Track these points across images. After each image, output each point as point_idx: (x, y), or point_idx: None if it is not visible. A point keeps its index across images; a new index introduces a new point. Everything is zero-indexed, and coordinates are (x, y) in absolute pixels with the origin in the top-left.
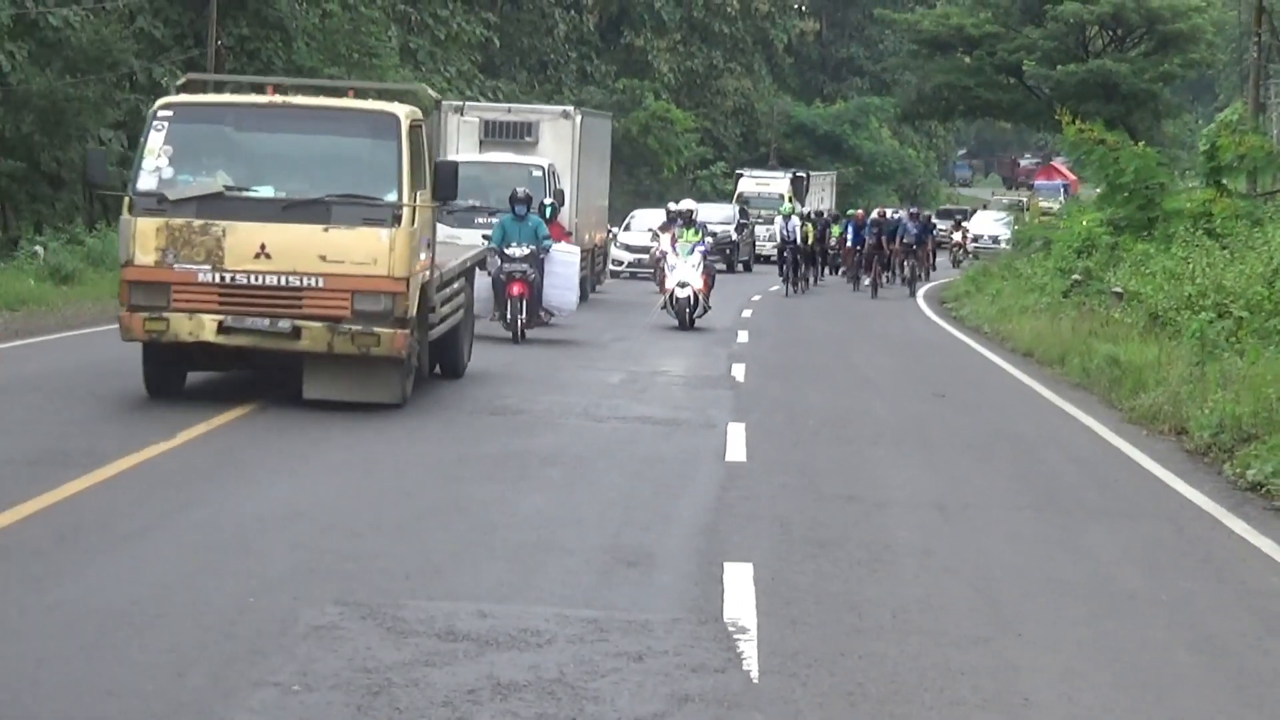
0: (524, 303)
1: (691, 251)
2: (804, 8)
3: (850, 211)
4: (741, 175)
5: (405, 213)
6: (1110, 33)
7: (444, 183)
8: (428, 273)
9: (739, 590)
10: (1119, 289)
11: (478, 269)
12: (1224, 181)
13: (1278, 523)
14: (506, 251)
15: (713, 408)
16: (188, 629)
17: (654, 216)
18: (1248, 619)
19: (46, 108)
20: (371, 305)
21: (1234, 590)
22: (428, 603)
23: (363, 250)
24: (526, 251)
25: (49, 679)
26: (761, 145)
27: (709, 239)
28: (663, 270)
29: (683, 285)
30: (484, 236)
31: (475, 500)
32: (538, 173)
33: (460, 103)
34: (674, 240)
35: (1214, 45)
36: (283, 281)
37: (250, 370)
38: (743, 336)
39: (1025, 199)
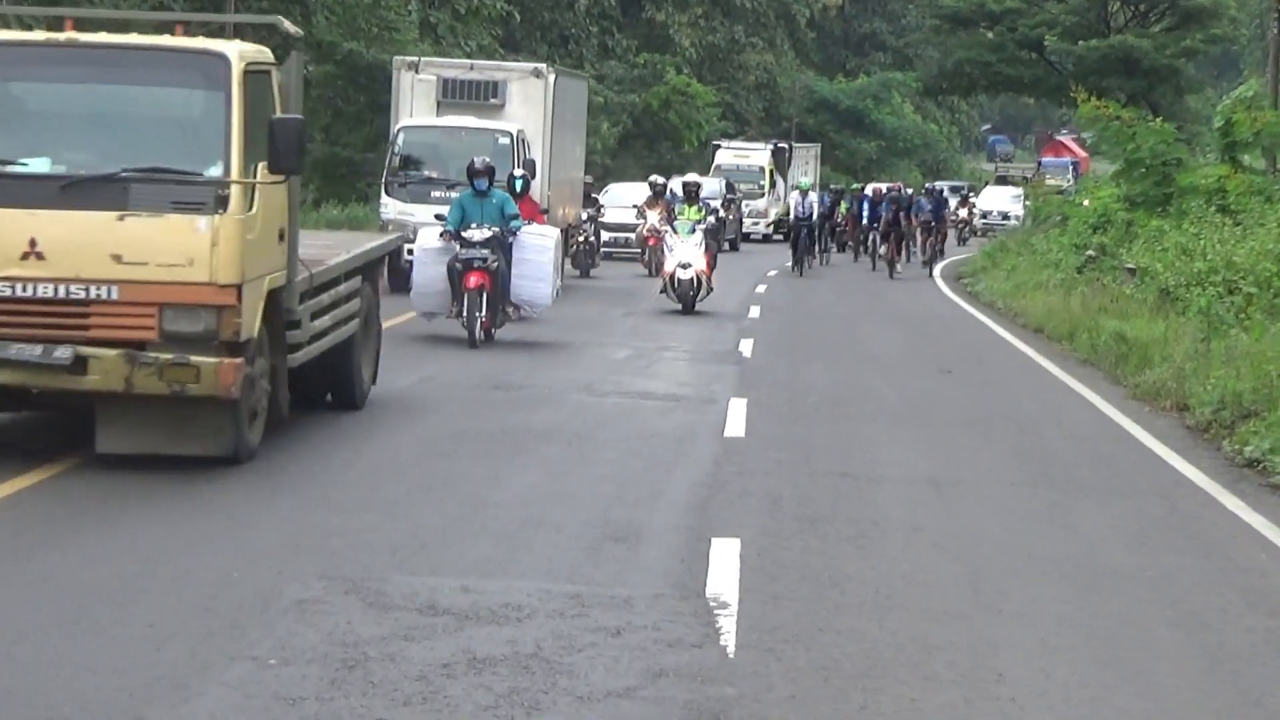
0: (484, 297)
1: (693, 230)
2: None
3: (853, 186)
4: (719, 147)
5: (236, 193)
6: (1132, 8)
7: (283, 149)
8: (283, 274)
9: (724, 566)
10: (1131, 265)
11: (422, 256)
12: (1239, 157)
13: (1272, 499)
14: (464, 235)
15: (716, 383)
16: (168, 603)
17: (632, 192)
18: (1231, 595)
19: None
20: (187, 324)
21: (1220, 566)
22: (411, 578)
23: (174, 247)
24: (488, 234)
25: (26, 653)
26: (784, 120)
27: (712, 217)
28: (657, 251)
29: (685, 266)
30: (436, 216)
31: (467, 476)
32: (504, 139)
33: (414, 59)
34: (672, 217)
35: (1237, 21)
36: (60, 292)
37: (34, 412)
38: (754, 312)
39: (1030, 175)
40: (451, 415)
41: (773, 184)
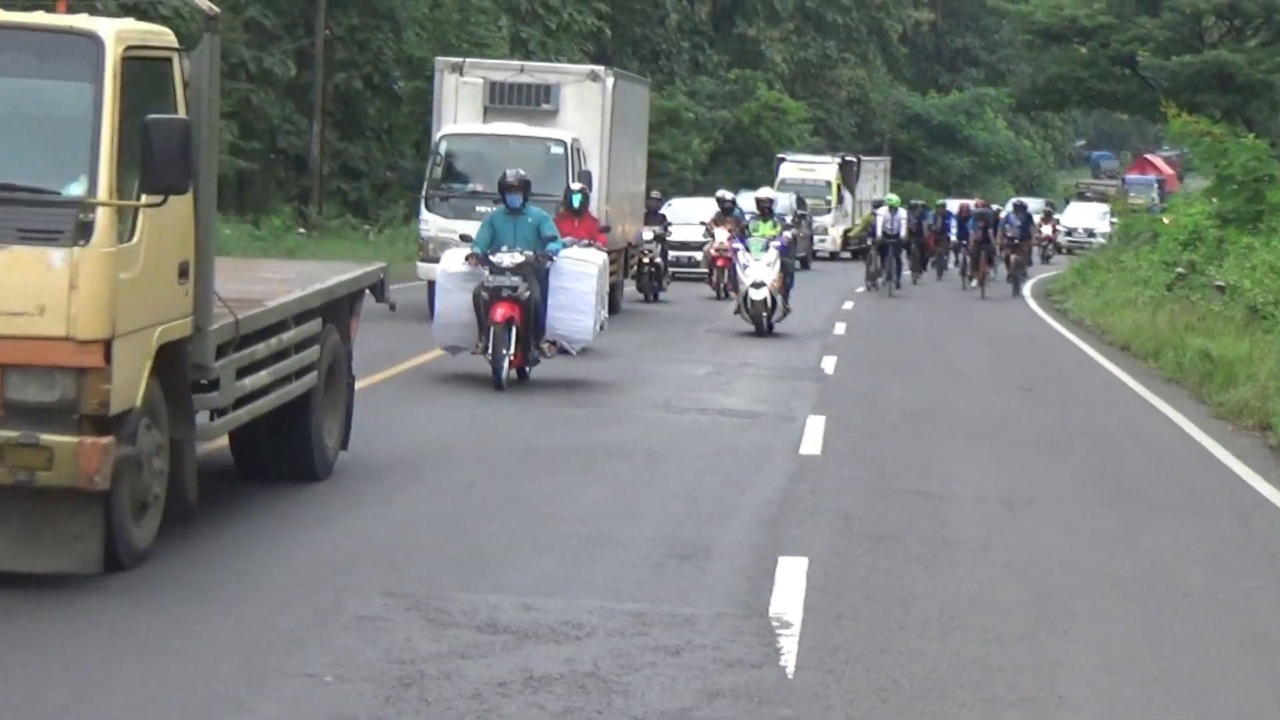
0: (513, 331)
1: (766, 248)
2: None
3: (937, 203)
4: (783, 160)
5: (104, 217)
6: (1227, 23)
7: (160, 160)
8: (186, 322)
9: (790, 585)
10: (1220, 282)
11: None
12: None
13: None
14: (493, 259)
15: (795, 400)
16: (228, 620)
17: (695, 207)
18: None
19: None
20: (37, 392)
21: None
22: (474, 595)
23: (19, 290)
24: (520, 259)
25: (82, 667)
26: (876, 135)
27: (787, 233)
28: (726, 272)
29: (758, 286)
30: (462, 236)
31: (535, 493)
32: (557, 149)
33: (458, 59)
34: (743, 234)
35: None
36: None
37: None
38: (839, 329)
39: (1112, 191)
40: (525, 432)
41: (840, 199)
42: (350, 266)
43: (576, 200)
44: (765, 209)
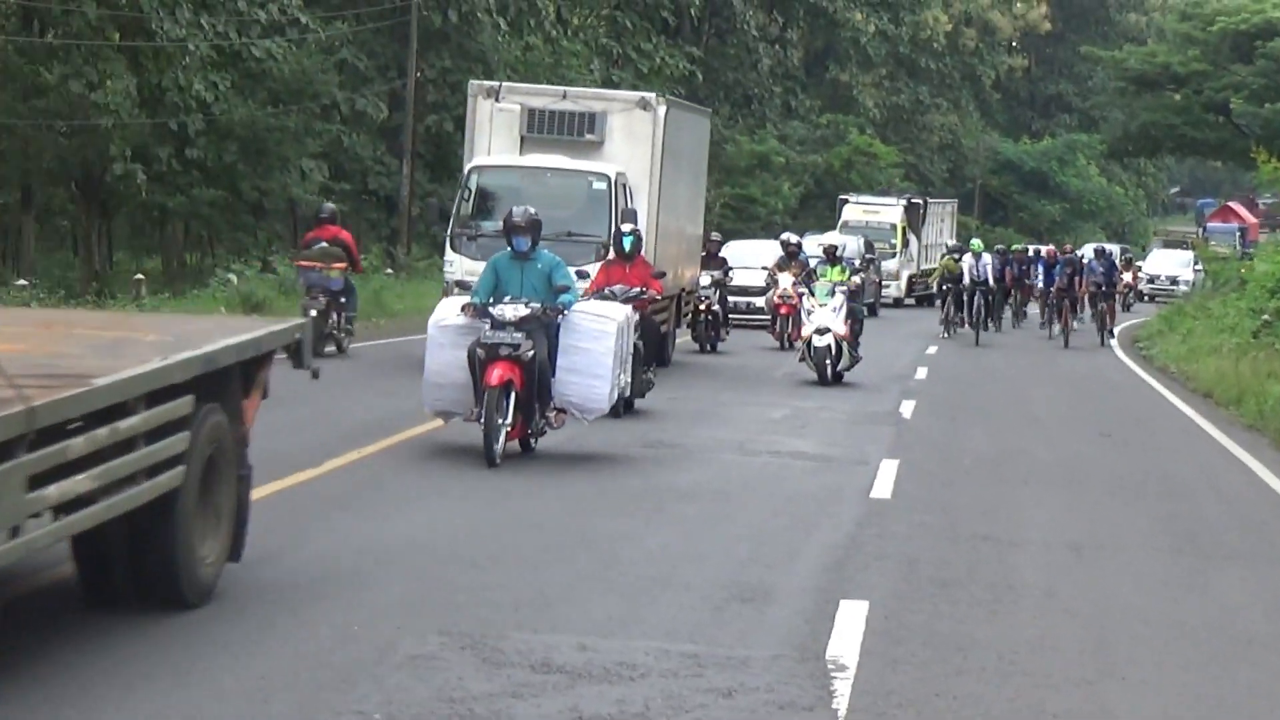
0: (511, 397)
1: (833, 293)
2: (1013, 44)
3: (1015, 248)
4: (846, 202)
5: None
6: None
7: None
8: None
9: (848, 628)
10: None
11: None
12: None
13: None
14: (493, 312)
15: (870, 444)
16: (284, 656)
17: (757, 250)
18: None
19: (248, 137)
20: None
21: None
22: (531, 635)
23: None
24: (526, 312)
25: (134, 702)
26: (968, 181)
27: (856, 279)
28: (790, 320)
29: (822, 332)
30: (458, 284)
31: (603, 534)
32: (600, 184)
33: (494, 83)
34: (810, 278)
35: None
36: None
37: None
38: (920, 373)
39: (1191, 239)
40: (597, 473)
41: (905, 243)
42: (258, 324)
43: (629, 243)
44: (832, 255)
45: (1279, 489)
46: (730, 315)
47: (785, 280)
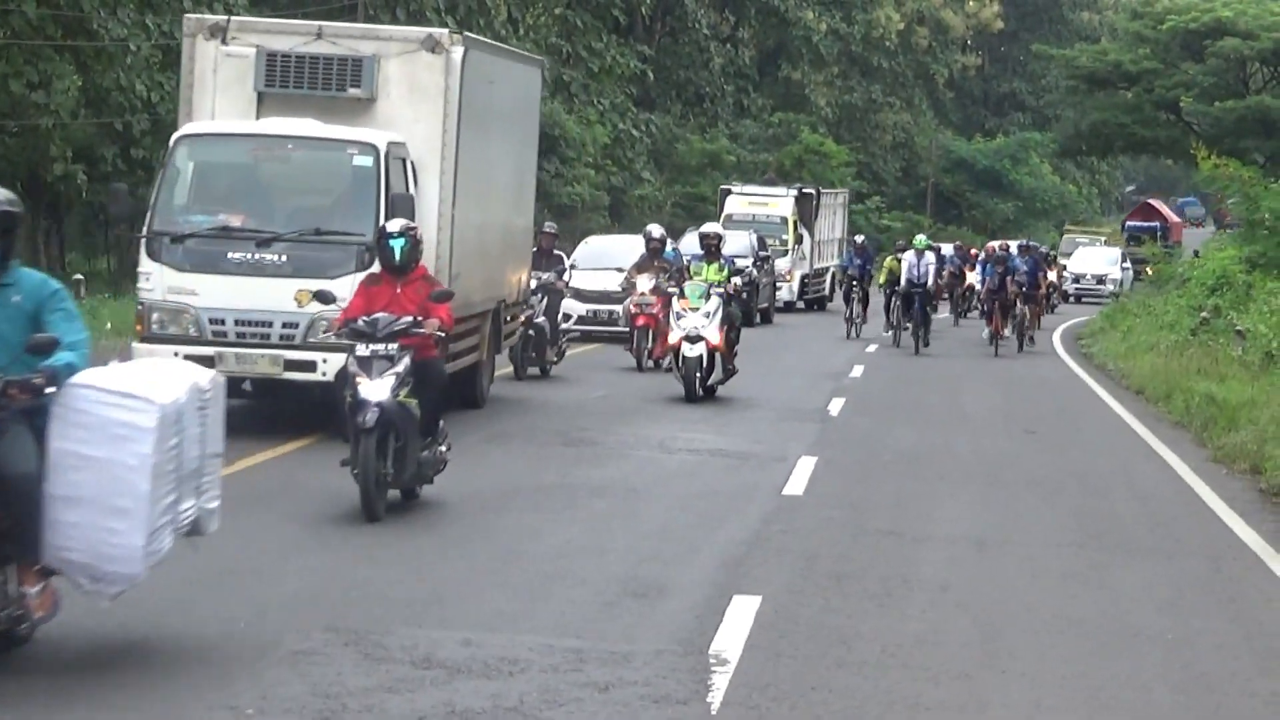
0: None
1: (707, 295)
2: (967, 42)
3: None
4: (729, 193)
5: None
6: (1270, 69)
7: None
8: None
9: (737, 623)
10: (1241, 327)
11: None
12: None
13: None
14: None
15: (793, 441)
16: (164, 653)
17: (616, 246)
18: (1246, 659)
19: None
20: None
21: (1245, 631)
22: (417, 630)
23: None
24: None
25: (6, 705)
26: (920, 180)
27: (737, 279)
28: (647, 332)
29: (693, 340)
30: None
31: (507, 531)
32: (364, 159)
33: (220, 18)
34: (682, 277)
35: None
36: None
37: None
38: (857, 371)
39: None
40: (513, 470)
41: (798, 238)
42: None
43: (398, 249)
44: (712, 248)
45: (1193, 485)
46: (586, 325)
47: (644, 283)
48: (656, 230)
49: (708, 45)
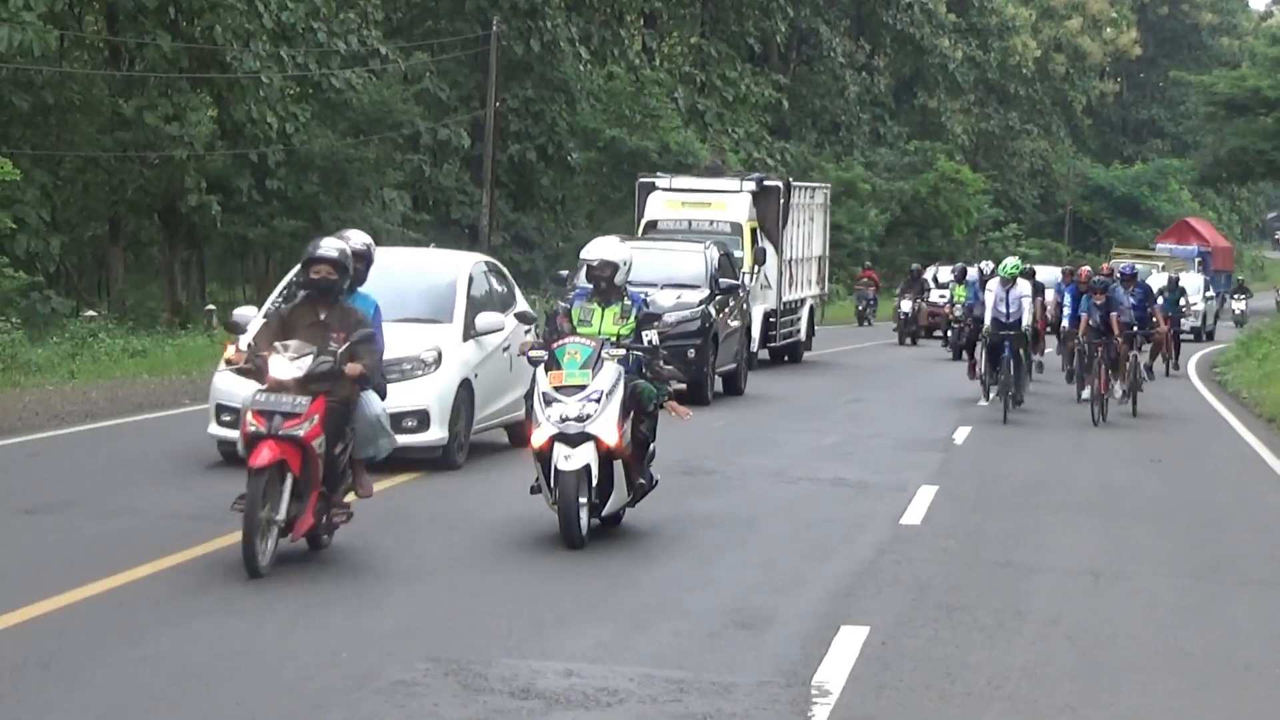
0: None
1: (595, 359)
2: (1104, 69)
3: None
4: (652, 187)
5: None
6: None
7: None
8: None
9: (842, 654)
10: None
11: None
12: None
13: None
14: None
15: (913, 470)
16: (260, 683)
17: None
18: None
19: (329, 168)
20: None
21: None
22: (518, 661)
23: None
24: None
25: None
26: (1058, 207)
27: (651, 334)
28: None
29: (569, 442)
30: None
31: (614, 561)
32: None
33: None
34: (554, 334)
35: None
36: None
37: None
38: (984, 400)
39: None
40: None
41: (758, 257)
42: None
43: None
44: (603, 281)
45: None
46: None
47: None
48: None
49: (843, 73)
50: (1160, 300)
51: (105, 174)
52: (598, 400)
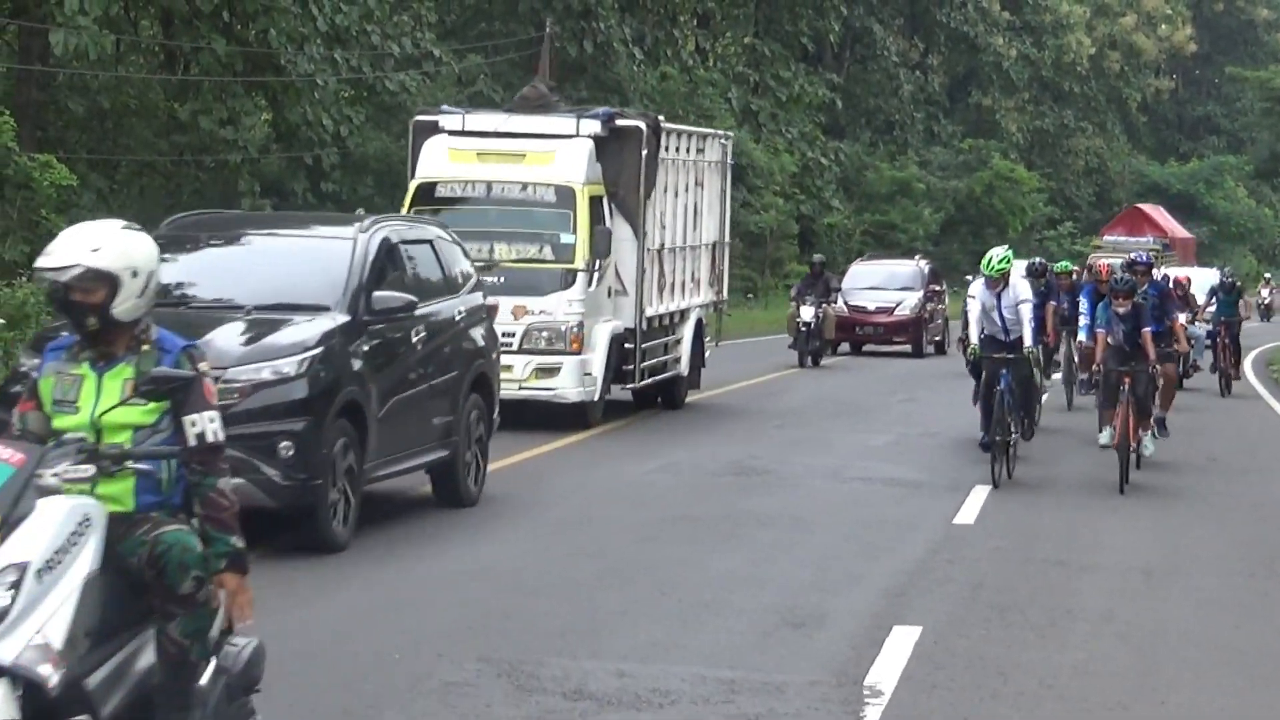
0: None
1: (19, 494)
2: (1159, 66)
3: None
4: (434, 126)
5: None
6: None
7: None
8: None
9: (894, 654)
10: None
11: None
12: None
13: None
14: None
15: (968, 469)
16: (316, 683)
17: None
18: None
19: (383, 170)
20: None
21: None
22: (570, 661)
23: None
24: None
25: None
26: (1114, 205)
27: (206, 424)
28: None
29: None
30: None
31: (666, 561)
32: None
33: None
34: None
35: None
36: None
37: None
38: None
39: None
40: (682, 499)
41: (597, 243)
42: None
43: None
44: (92, 315)
45: None
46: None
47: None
48: None
49: (897, 72)
50: (1214, 303)
51: (161, 178)
52: (14, 587)
